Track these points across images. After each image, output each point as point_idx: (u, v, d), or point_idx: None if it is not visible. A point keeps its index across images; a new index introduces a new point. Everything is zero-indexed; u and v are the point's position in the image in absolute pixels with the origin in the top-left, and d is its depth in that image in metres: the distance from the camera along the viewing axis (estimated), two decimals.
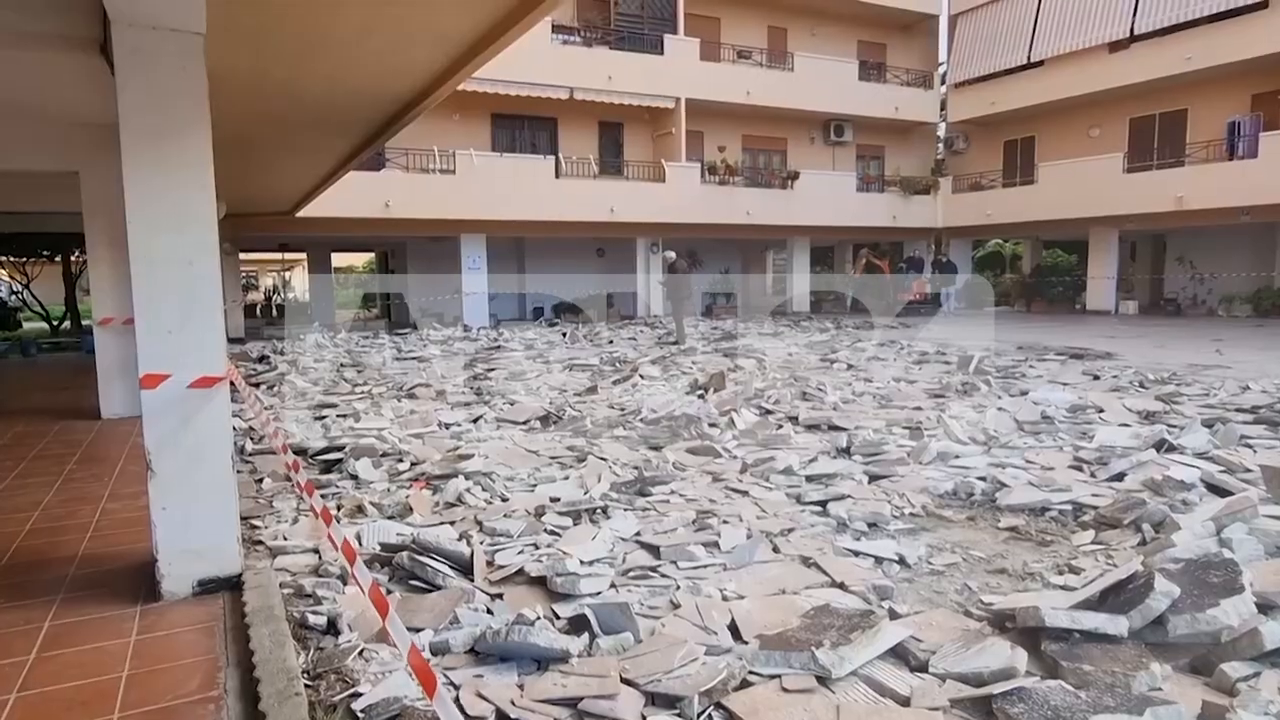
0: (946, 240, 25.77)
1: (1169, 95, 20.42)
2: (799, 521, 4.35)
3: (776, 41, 23.43)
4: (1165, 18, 19.22)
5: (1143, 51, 19.99)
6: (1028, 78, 22.79)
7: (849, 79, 23.55)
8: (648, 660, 2.77)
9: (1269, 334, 15.01)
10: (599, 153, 21.43)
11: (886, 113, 24.36)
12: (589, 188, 19.81)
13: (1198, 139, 19.71)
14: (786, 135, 24.25)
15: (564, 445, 6.31)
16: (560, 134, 21.13)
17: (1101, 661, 2.61)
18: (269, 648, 2.77)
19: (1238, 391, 8.08)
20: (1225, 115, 19.02)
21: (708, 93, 21.15)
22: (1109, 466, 5.19)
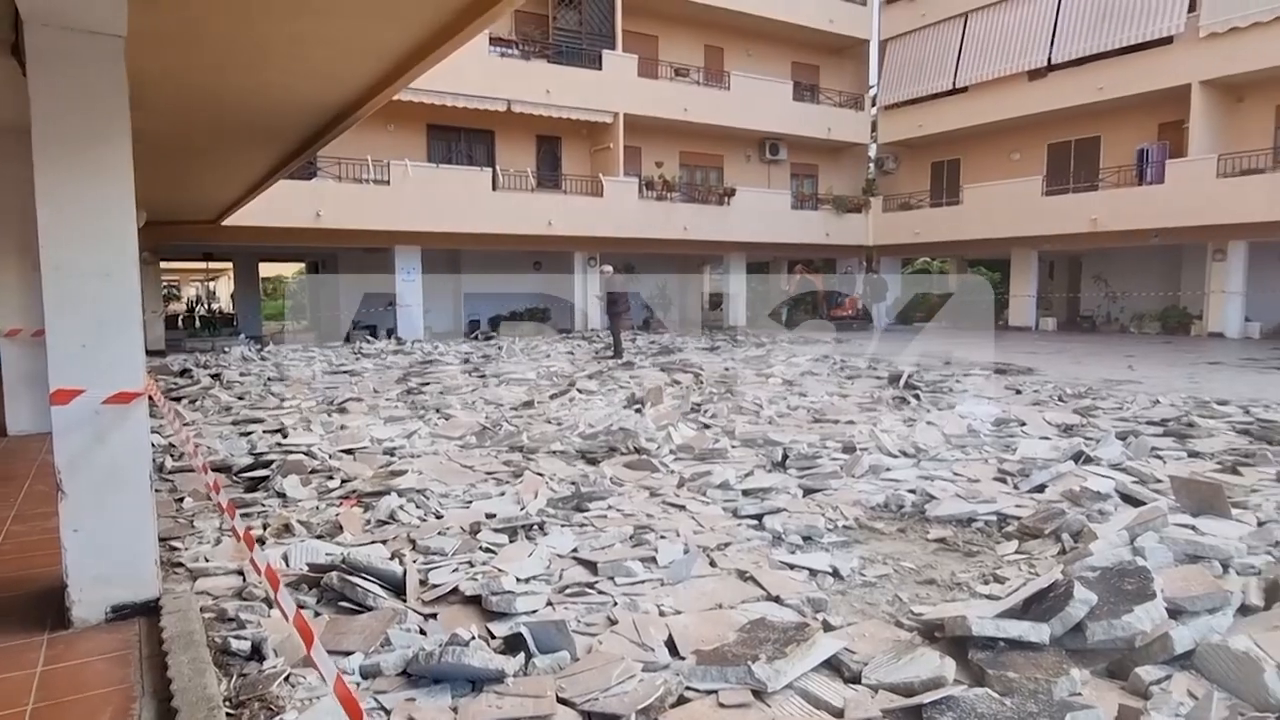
0: (877, 258, 26.49)
1: (1084, 122, 21.45)
2: (735, 535, 4.39)
3: (713, 60, 23.81)
4: (1080, 49, 20.21)
5: (1059, 80, 20.96)
6: (953, 102, 23.66)
7: (784, 99, 24.07)
8: (585, 679, 2.75)
9: (1175, 350, 15.83)
10: (537, 166, 21.38)
11: (820, 133, 24.97)
12: (526, 201, 19.73)
13: (1110, 164, 20.74)
14: (723, 152, 24.62)
15: (500, 460, 6.24)
16: (498, 146, 21.02)
17: (1025, 668, 2.69)
18: (188, 675, 2.65)
19: (1148, 405, 8.49)
20: (1135, 143, 20.06)
21: (646, 109, 21.34)
22: (1030, 478, 5.38)
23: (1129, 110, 20.21)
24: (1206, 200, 17.51)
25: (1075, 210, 20.15)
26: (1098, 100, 20.18)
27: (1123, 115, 20.47)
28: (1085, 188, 20.83)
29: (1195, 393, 9.42)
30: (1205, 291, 19.24)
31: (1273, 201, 16.51)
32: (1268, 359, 13.70)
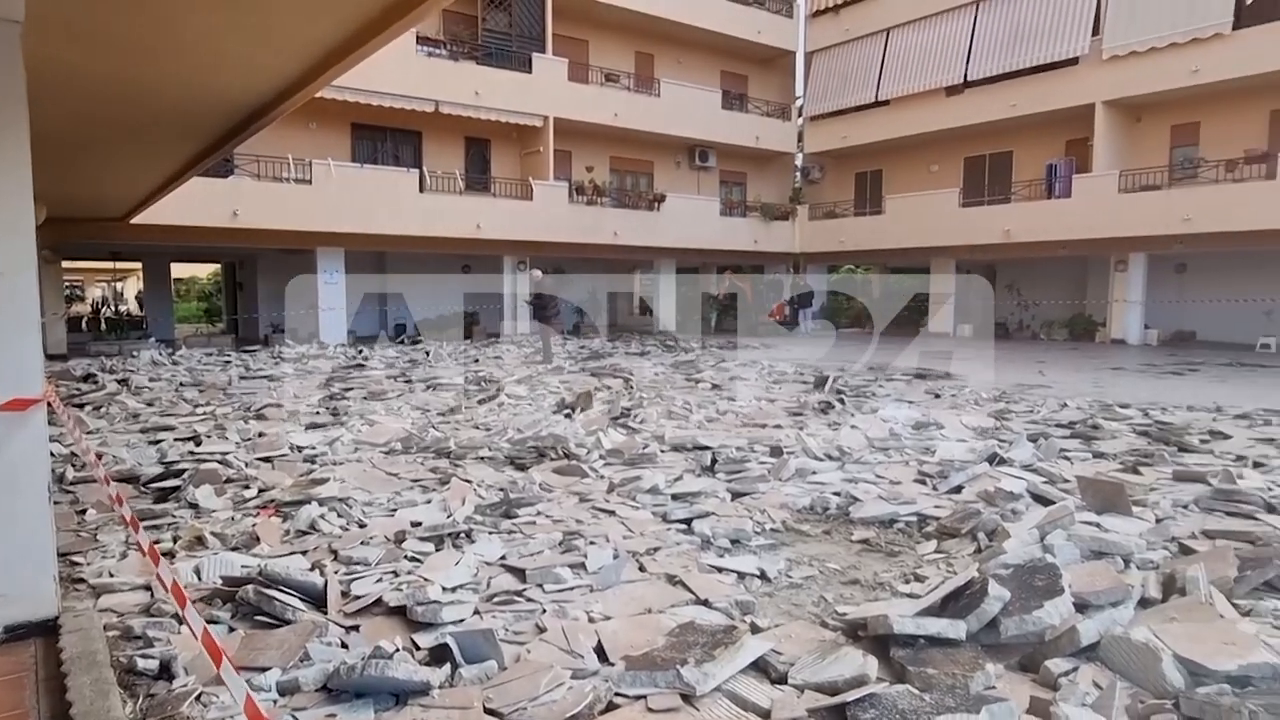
0: (804, 265, 27.04)
1: (998, 138, 22.35)
2: (665, 540, 4.40)
3: (644, 67, 23.94)
4: (993, 68, 21.06)
5: (975, 97, 21.81)
6: (876, 115, 24.35)
7: (713, 107, 24.36)
8: (512, 688, 2.71)
9: (1082, 356, 16.63)
10: (465, 168, 21.09)
11: (748, 141, 25.36)
12: (454, 203, 19.43)
13: (1022, 178, 21.66)
14: (653, 158, 24.76)
15: (426, 467, 6.12)
16: (425, 148, 20.66)
17: (943, 664, 2.78)
18: (90, 698, 2.51)
19: (1057, 408, 8.89)
20: (1045, 158, 21.00)
21: (576, 113, 21.30)
22: (948, 479, 5.56)
23: (1039, 127, 21.15)
24: (1109, 214, 18.46)
25: (990, 221, 20.97)
26: (1010, 117, 21.06)
27: (1033, 131, 21.40)
28: (999, 200, 21.69)
29: (1100, 397, 9.91)
30: (1109, 300, 20.26)
31: (1168, 216, 17.52)
32: (1164, 364, 14.51)
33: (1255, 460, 6.24)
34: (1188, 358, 15.83)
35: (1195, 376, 12.67)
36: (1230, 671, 2.67)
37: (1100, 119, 19.28)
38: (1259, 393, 10.49)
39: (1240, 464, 6.10)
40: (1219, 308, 19.30)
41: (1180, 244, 18.11)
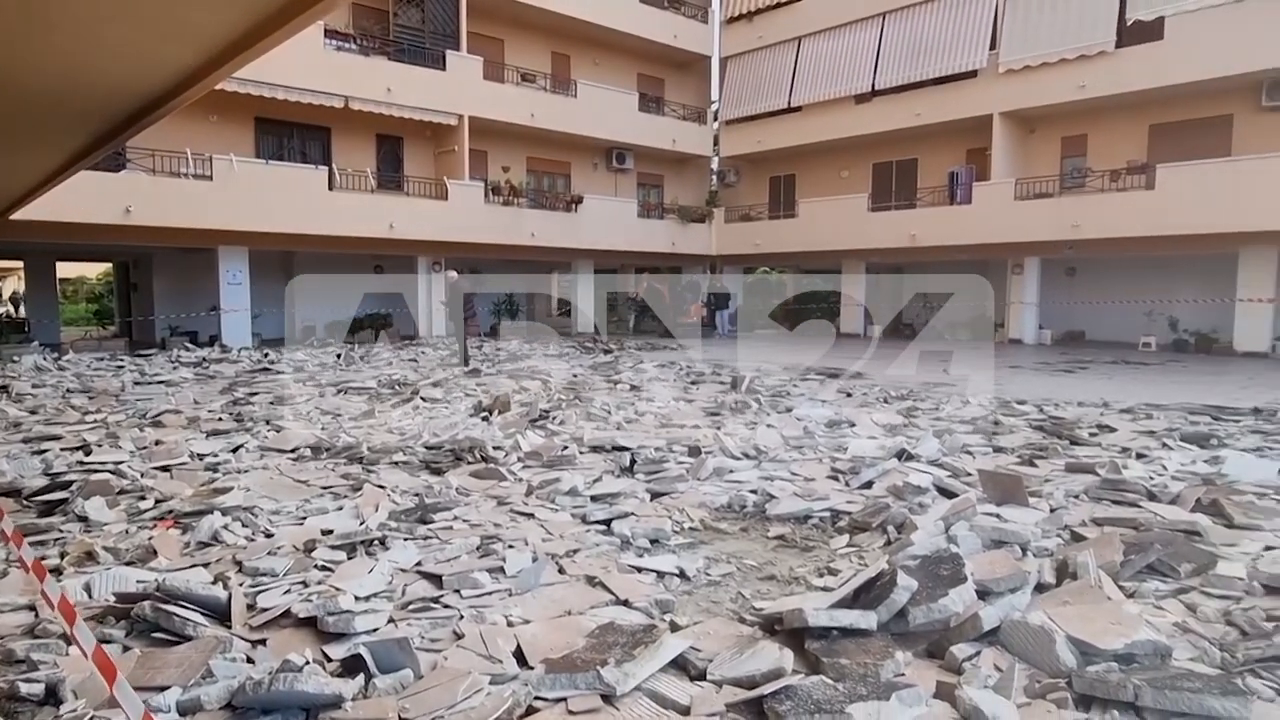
0: (720, 266, 27.44)
1: (904, 145, 23.20)
2: (584, 541, 4.39)
3: (560, 67, 23.84)
4: (899, 78, 21.84)
5: (882, 105, 22.57)
6: (789, 121, 24.91)
7: (630, 109, 24.46)
8: (429, 696, 2.66)
9: (985, 355, 17.40)
10: (377, 166, 20.56)
11: (665, 144, 25.57)
12: (366, 202, 18.90)
13: (926, 185, 22.53)
14: (571, 159, 24.69)
15: (338, 474, 5.93)
16: (334, 144, 20.03)
17: (856, 654, 2.86)
18: None
19: (960, 406, 9.28)
20: (947, 166, 21.90)
21: (491, 112, 21.03)
22: (860, 475, 5.74)
23: (942, 135, 22.04)
24: (1006, 220, 19.40)
25: (897, 226, 21.74)
26: (915, 125, 21.87)
27: (937, 140, 22.30)
28: (905, 205, 22.52)
29: (999, 394, 10.39)
30: (1006, 302, 21.27)
31: (1059, 222, 18.53)
32: (1057, 363, 15.34)
33: (1138, 451, 6.65)
34: (1078, 356, 16.78)
35: (1085, 374, 13.44)
36: (1117, 650, 2.84)
37: (998, 129, 20.23)
38: (1141, 388, 11.20)
39: (1125, 455, 6.50)
40: (1105, 309, 20.52)
41: (1070, 249, 19.19)
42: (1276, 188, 15.44)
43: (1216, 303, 18.06)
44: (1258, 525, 4.55)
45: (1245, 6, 16.08)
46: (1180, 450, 6.72)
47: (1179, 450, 6.72)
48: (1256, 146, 16.81)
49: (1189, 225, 16.49)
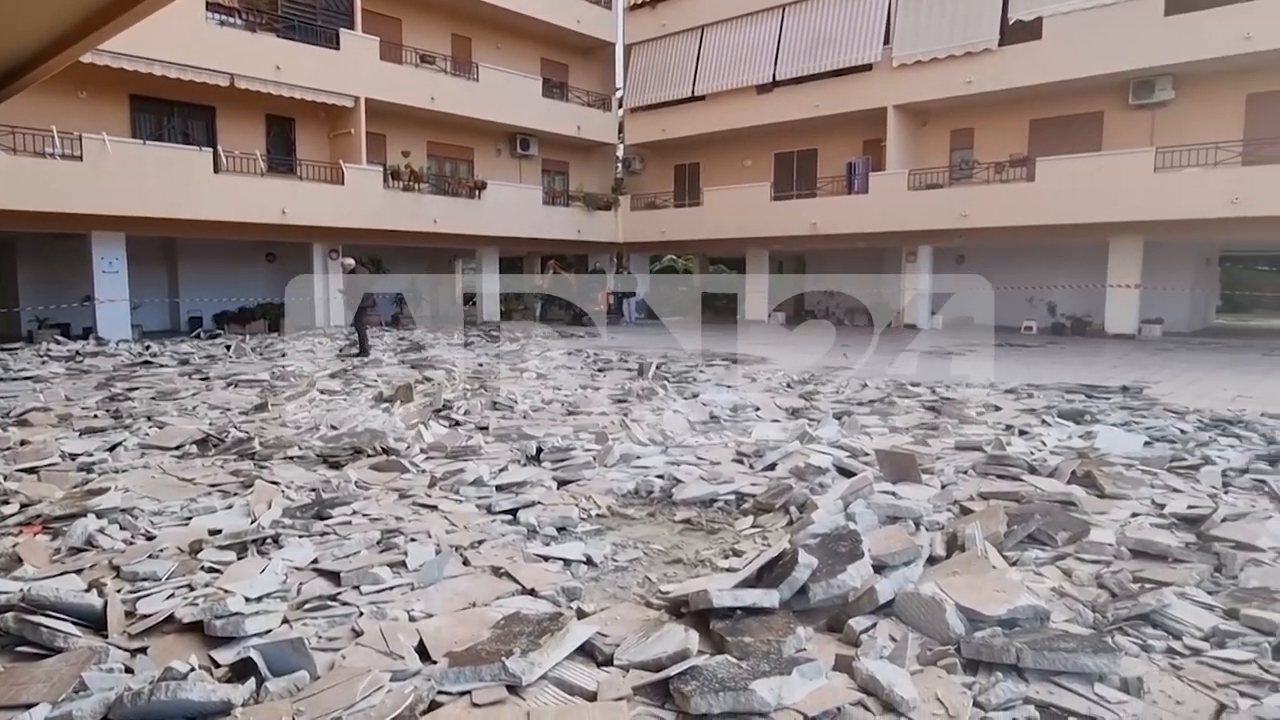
0: (627, 254, 27.48)
1: (804, 136, 23.76)
2: (489, 532, 4.33)
3: (461, 50, 23.28)
4: (799, 69, 22.33)
5: (783, 96, 23.03)
6: (693, 109, 25.12)
7: (533, 94, 24.13)
8: (326, 697, 2.56)
9: (882, 340, 18.06)
10: (267, 149, 19.60)
11: (570, 130, 25.36)
12: (256, 186, 17.99)
13: (826, 174, 23.16)
14: (473, 145, 24.19)
15: (227, 470, 5.65)
16: (220, 125, 18.97)
17: (759, 632, 2.91)
18: None
19: (859, 388, 9.60)
20: (845, 156, 22.55)
21: (389, 94, 20.36)
22: (764, 458, 5.86)
23: (840, 127, 22.66)
24: (900, 209, 20.16)
25: (798, 215, 22.27)
26: (814, 116, 22.42)
27: (835, 131, 22.92)
28: (806, 195, 23.08)
29: (895, 377, 10.81)
30: (901, 288, 22.12)
31: (948, 212, 19.38)
32: (948, 347, 16.06)
33: (1020, 429, 7.04)
34: (967, 340, 17.62)
35: (973, 357, 14.13)
36: (1001, 616, 2.99)
37: (892, 122, 20.95)
38: (1023, 370, 11.86)
39: (1009, 432, 6.87)
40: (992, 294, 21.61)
41: (959, 238, 20.11)
42: (1141, 181, 16.58)
43: (1090, 289, 19.28)
44: (1125, 495, 4.89)
45: (1114, 11, 17.16)
46: (1058, 426, 7.15)
47: (1057, 427, 7.15)
48: (1124, 142, 18.02)
49: (1065, 215, 17.54)
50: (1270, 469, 5.54)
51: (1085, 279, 19.45)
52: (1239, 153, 16.25)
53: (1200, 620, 3.08)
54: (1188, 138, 16.89)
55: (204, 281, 20.01)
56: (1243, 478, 5.34)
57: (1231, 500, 4.78)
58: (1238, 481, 5.27)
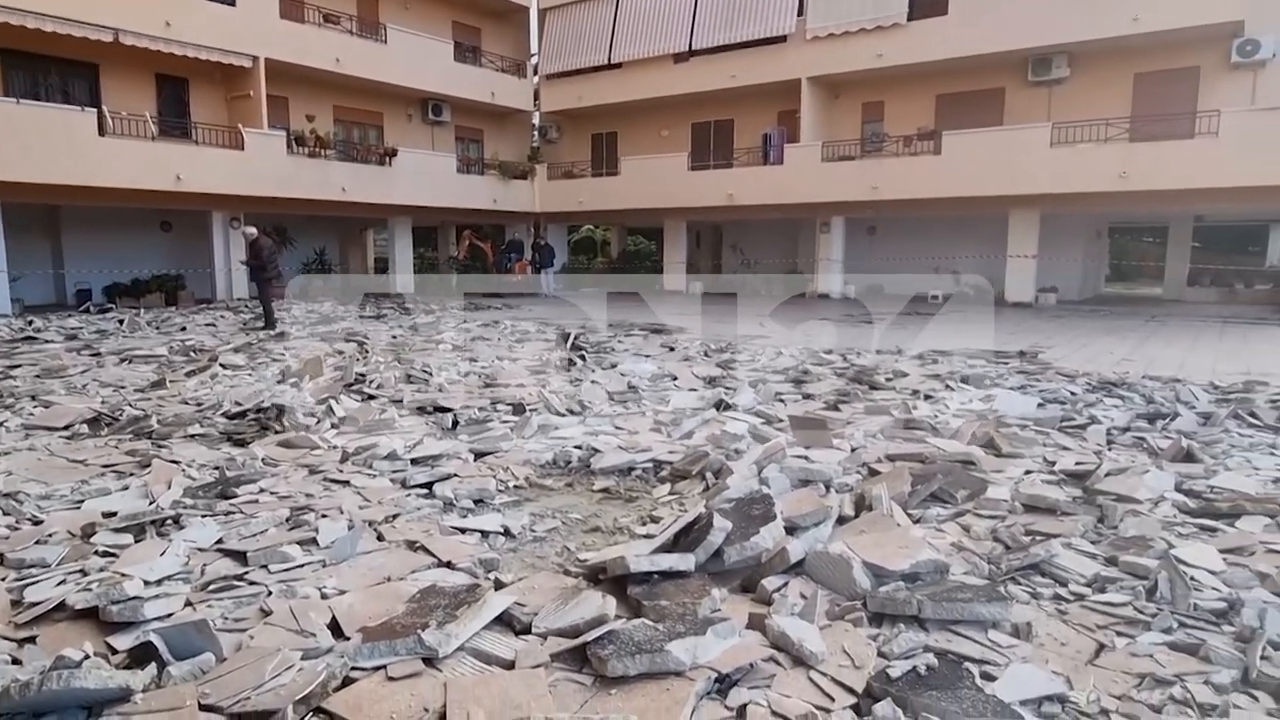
0: (544, 224, 27.15)
1: (720, 106, 23.84)
2: (404, 506, 4.26)
3: (367, 10, 22.35)
4: (715, 39, 22.34)
5: (700, 66, 23.02)
6: (609, 77, 24.87)
7: (445, 59, 23.41)
8: (233, 679, 2.49)
9: (796, 309, 18.45)
10: (158, 110, 18.46)
11: (484, 97, 24.75)
12: (147, 151, 16.93)
13: (742, 145, 23.34)
14: (383, 110, 23.36)
15: (122, 450, 5.37)
16: (104, 84, 17.73)
17: (675, 595, 2.97)
18: None
19: (774, 357, 9.80)
20: (761, 127, 22.76)
21: (291, 55, 19.40)
22: (681, 426, 5.93)
23: (756, 97, 22.83)
24: (814, 181, 20.53)
25: (715, 185, 22.40)
26: (730, 86, 22.51)
27: (751, 101, 23.08)
28: (723, 165, 23.22)
29: (809, 345, 11.07)
30: (815, 259, 22.60)
31: (860, 183, 19.85)
32: (859, 315, 16.54)
33: (926, 393, 7.33)
34: (877, 309, 18.17)
35: (883, 325, 14.59)
36: (904, 570, 3.13)
37: (806, 93, 21.23)
38: (929, 337, 12.32)
39: (915, 397, 7.14)
40: (901, 265, 22.32)
41: (870, 209, 20.64)
42: (1038, 156, 17.33)
43: (992, 259, 20.12)
44: (1020, 454, 5.17)
45: None
46: (960, 391, 7.48)
47: (959, 391, 7.48)
48: (1024, 118, 18.76)
49: (969, 188, 18.21)
50: (1149, 427, 5.94)
51: (987, 250, 20.28)
52: (1126, 129, 17.15)
53: (1084, 568, 3.30)
54: (1081, 114, 17.71)
55: (93, 252, 18.79)
56: (1125, 435, 5.71)
57: (1114, 456, 5.11)
58: (1120, 439, 5.64)
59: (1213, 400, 6.89)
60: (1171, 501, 4.17)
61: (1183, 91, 17.40)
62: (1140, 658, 2.64)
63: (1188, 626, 2.82)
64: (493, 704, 2.33)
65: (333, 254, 24.86)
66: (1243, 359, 9.91)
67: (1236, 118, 15.50)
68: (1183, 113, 16.74)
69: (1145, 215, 23.28)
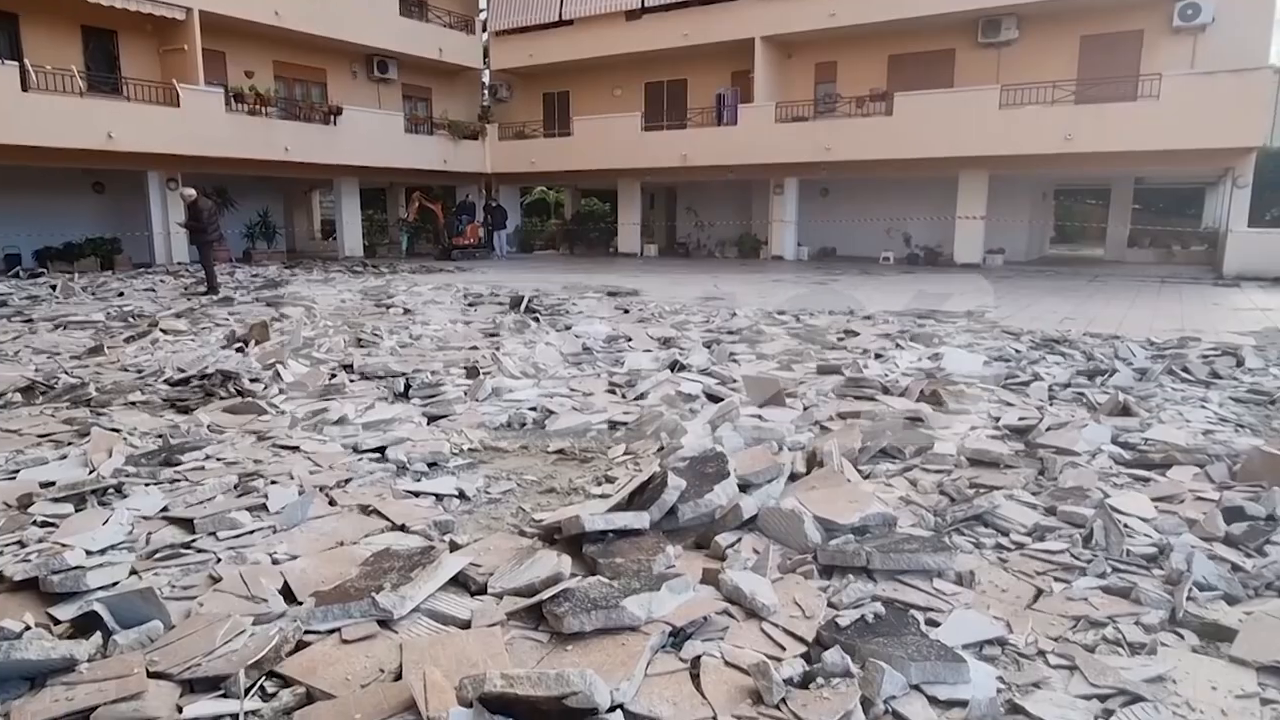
0: (496, 186, 26.69)
1: (674, 65, 23.57)
2: (356, 470, 4.21)
3: None
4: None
5: (652, 23, 22.68)
6: (561, 35, 24.37)
7: (390, 12, 22.66)
8: (183, 646, 2.45)
9: (749, 271, 18.55)
10: (86, 65, 17.58)
11: (431, 53, 24.06)
12: (74, 107, 16.12)
13: (696, 105, 23.15)
14: (326, 66, 22.59)
15: (59, 419, 5.20)
16: (25, 36, 16.79)
17: (630, 553, 3.00)
18: None
19: (729, 318, 9.85)
20: (714, 87, 22.59)
21: (227, 7, 18.55)
22: (636, 387, 5.95)
23: (709, 57, 22.61)
24: (768, 141, 20.49)
25: (669, 146, 22.23)
26: (684, 45, 22.25)
27: (705, 61, 22.85)
28: (676, 125, 23.04)
29: (762, 306, 11.15)
30: (769, 220, 22.67)
31: (813, 145, 19.89)
32: (813, 276, 16.70)
33: (876, 352, 7.45)
34: (830, 270, 18.36)
35: (835, 285, 14.75)
36: (854, 524, 3.21)
37: (759, 53, 21.09)
38: (880, 297, 12.50)
39: (866, 356, 7.26)
40: (853, 227, 22.53)
41: (824, 171, 20.73)
42: (987, 118, 17.54)
43: (941, 221, 20.42)
44: (966, 410, 5.31)
45: None
46: (909, 349, 7.62)
47: (908, 349, 7.62)
48: (974, 79, 18.93)
49: (920, 150, 18.38)
50: (1089, 383, 6.14)
51: (937, 212, 20.56)
52: (1072, 91, 17.42)
53: (1024, 518, 3.41)
54: (1029, 76, 17.93)
55: (21, 214, 17.96)
56: (1065, 391, 5.90)
57: (1055, 411, 5.27)
58: (1061, 395, 5.81)
59: (1149, 356, 7.14)
60: (1108, 453, 4.33)
61: (1126, 55, 17.73)
62: (1076, 601, 2.75)
63: (1120, 571, 2.95)
64: (449, 663, 2.34)
65: (277, 216, 24.16)
66: (1178, 317, 10.27)
67: (1177, 81, 15.86)
68: (1126, 76, 17.06)
69: (1089, 177, 23.80)
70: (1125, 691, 2.21)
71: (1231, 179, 16.63)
